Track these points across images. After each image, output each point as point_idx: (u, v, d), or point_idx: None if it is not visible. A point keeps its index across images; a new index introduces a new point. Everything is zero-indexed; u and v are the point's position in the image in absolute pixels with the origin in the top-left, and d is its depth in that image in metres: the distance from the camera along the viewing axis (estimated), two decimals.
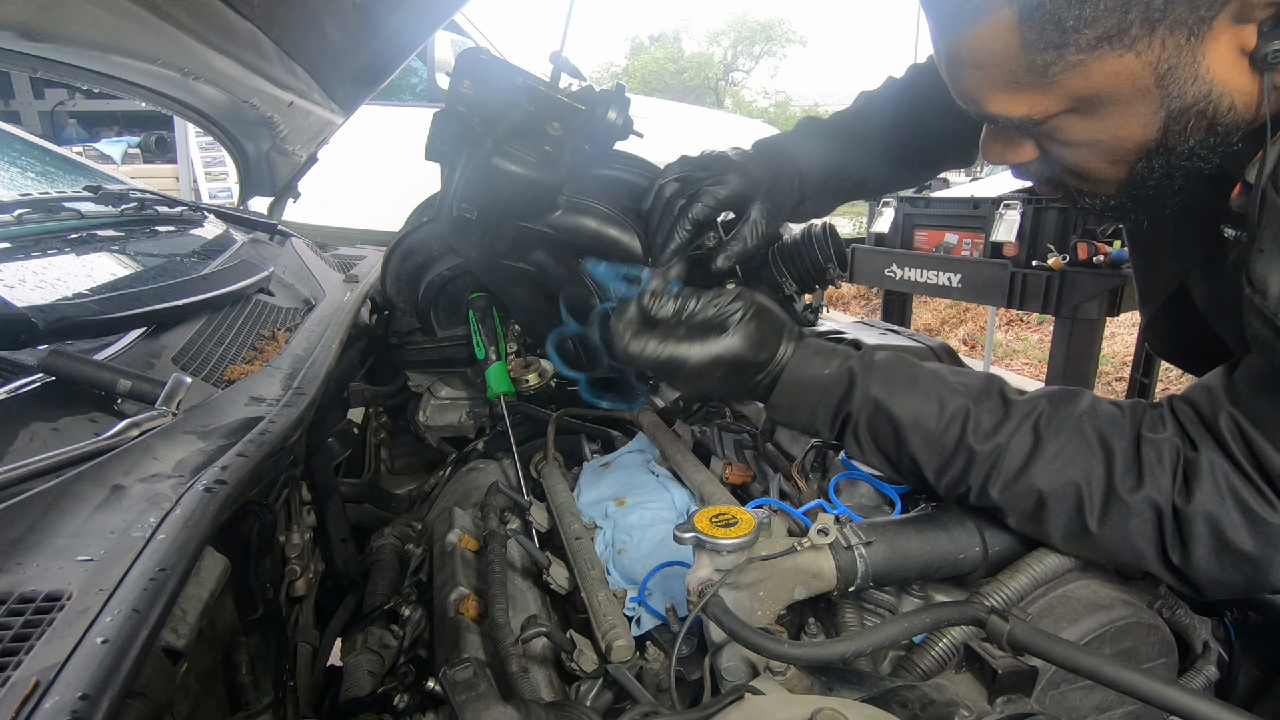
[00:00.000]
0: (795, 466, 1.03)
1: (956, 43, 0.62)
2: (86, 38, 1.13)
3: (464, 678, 0.66)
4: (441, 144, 1.09)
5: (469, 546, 1.06)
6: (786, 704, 0.56)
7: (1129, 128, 0.61)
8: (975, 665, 0.68)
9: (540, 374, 1.34)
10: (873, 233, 3.72)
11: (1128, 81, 0.57)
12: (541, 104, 1.04)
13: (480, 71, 1.04)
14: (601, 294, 1.22)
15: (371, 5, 1.60)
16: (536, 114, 1.04)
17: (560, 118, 1.05)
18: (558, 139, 1.05)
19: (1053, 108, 0.61)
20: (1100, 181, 0.68)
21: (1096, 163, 0.66)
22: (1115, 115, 0.60)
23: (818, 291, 1.69)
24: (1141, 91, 0.58)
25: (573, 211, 1.11)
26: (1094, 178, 0.68)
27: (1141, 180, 0.65)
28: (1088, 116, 0.61)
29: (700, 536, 0.69)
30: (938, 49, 0.66)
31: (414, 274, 1.31)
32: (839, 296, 7.36)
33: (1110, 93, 0.58)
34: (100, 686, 0.42)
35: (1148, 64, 0.56)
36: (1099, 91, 0.58)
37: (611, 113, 1.06)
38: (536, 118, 1.04)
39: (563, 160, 1.06)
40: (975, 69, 0.62)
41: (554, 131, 1.05)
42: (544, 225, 1.12)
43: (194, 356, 0.98)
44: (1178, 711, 0.54)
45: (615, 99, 1.06)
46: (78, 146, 5.49)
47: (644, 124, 1.12)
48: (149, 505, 0.60)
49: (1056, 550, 0.74)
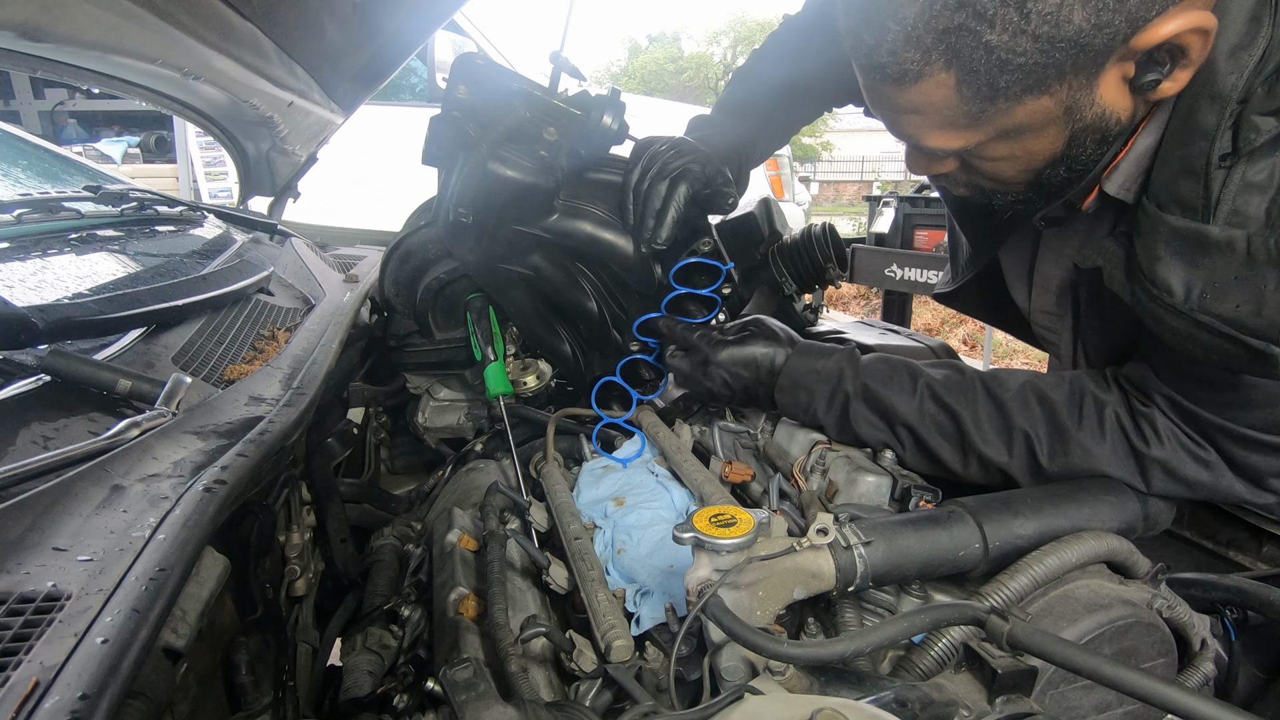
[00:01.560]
0: (796, 466, 1.03)
1: (896, 95, 0.72)
2: (86, 38, 1.13)
3: (464, 678, 0.66)
4: (438, 149, 1.09)
5: (468, 546, 1.06)
6: (786, 704, 0.56)
7: (1041, 146, 0.74)
8: (975, 665, 0.68)
9: (539, 376, 1.34)
10: (873, 233, 3.71)
11: (1042, 115, 0.70)
12: (537, 109, 1.04)
13: (476, 76, 1.04)
14: (597, 299, 1.22)
15: (371, 5, 1.60)
16: (532, 119, 1.04)
17: (556, 122, 1.05)
18: (553, 144, 1.05)
19: (981, 139, 0.74)
20: (1013, 184, 0.81)
21: (1012, 171, 0.79)
22: (1031, 138, 0.73)
23: (818, 291, 1.70)
24: (1053, 120, 0.71)
25: (569, 215, 1.11)
26: (1008, 182, 0.81)
27: (1048, 181, 0.79)
28: (1009, 141, 0.74)
29: (699, 536, 0.69)
30: (874, 97, 0.76)
31: (412, 277, 1.31)
32: (839, 296, 7.35)
33: (1029, 124, 0.71)
34: (100, 686, 0.42)
35: (1059, 101, 0.69)
36: (1021, 124, 0.71)
37: (607, 118, 1.06)
38: (532, 123, 1.04)
39: (558, 165, 1.06)
40: (914, 114, 0.74)
41: (550, 136, 1.05)
42: (540, 229, 1.12)
43: (194, 356, 0.98)
44: (1177, 711, 0.54)
45: (611, 104, 1.06)
46: (78, 146, 5.48)
47: (643, 124, 1.12)
48: (149, 505, 0.60)
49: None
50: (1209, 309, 0.69)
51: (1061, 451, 0.87)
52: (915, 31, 0.66)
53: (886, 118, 0.78)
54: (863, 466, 0.96)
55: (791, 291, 1.60)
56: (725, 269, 1.08)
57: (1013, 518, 0.82)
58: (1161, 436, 0.82)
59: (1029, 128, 0.72)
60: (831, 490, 0.97)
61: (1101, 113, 0.70)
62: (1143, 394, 0.85)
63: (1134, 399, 0.85)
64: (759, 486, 1.07)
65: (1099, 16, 0.61)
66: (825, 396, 0.99)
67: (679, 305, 1.13)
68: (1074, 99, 0.69)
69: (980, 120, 0.71)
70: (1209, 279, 0.69)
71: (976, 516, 0.81)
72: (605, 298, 1.22)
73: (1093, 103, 0.69)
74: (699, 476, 1.05)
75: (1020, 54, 0.64)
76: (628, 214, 1.08)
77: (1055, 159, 0.76)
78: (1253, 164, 0.66)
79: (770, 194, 3.26)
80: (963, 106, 0.70)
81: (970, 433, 0.91)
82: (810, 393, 1.00)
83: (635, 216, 1.06)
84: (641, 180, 1.05)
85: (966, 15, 0.63)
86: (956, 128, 0.73)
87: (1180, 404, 0.81)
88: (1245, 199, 0.66)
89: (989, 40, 0.64)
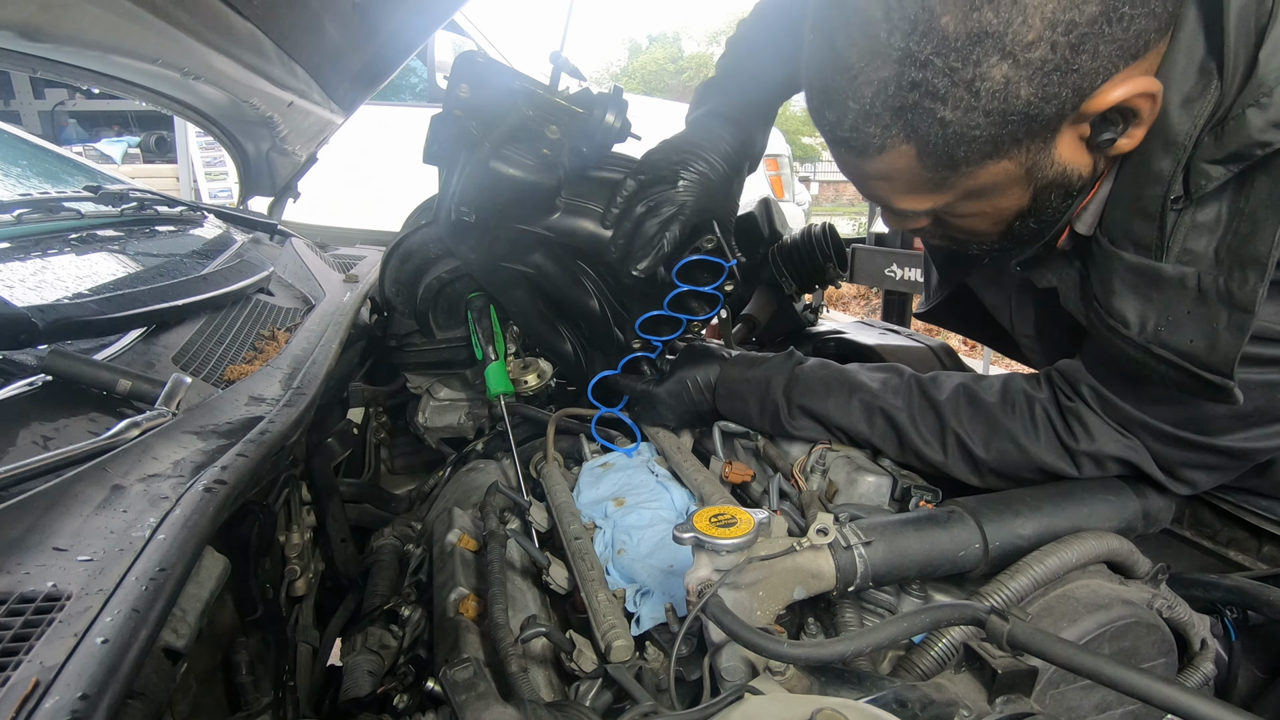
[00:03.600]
0: (796, 467, 1.03)
1: (862, 164, 0.76)
2: (86, 38, 1.13)
3: (464, 678, 0.66)
4: (439, 147, 1.09)
5: (469, 547, 1.06)
6: (786, 704, 0.56)
7: (1007, 203, 0.78)
8: (975, 665, 0.68)
9: (539, 375, 1.34)
10: (873, 233, 3.71)
11: (1005, 176, 0.73)
12: (539, 107, 1.04)
13: (478, 75, 1.03)
14: (599, 297, 1.22)
15: (371, 5, 1.60)
16: (534, 117, 1.04)
17: (558, 121, 1.05)
18: (555, 142, 1.05)
19: (949, 199, 0.77)
20: (985, 236, 0.85)
21: (983, 226, 0.83)
22: (997, 197, 0.77)
23: (818, 291, 1.70)
24: (1015, 179, 0.74)
25: (571, 214, 1.10)
26: (982, 234, 0.85)
27: (1018, 233, 0.82)
28: (977, 200, 0.78)
29: (699, 536, 0.69)
30: (842, 165, 0.80)
31: (413, 276, 1.31)
32: (839, 296, 7.35)
33: (992, 185, 0.75)
34: (100, 686, 0.42)
35: (1019, 164, 0.72)
36: (985, 185, 0.75)
37: (609, 115, 1.05)
38: (534, 121, 1.04)
39: (560, 163, 1.06)
40: (883, 180, 0.77)
41: (552, 135, 1.05)
42: (542, 228, 1.11)
43: (194, 356, 0.98)
44: (1177, 711, 0.54)
45: (613, 102, 1.06)
46: (78, 146, 5.48)
47: (644, 124, 1.12)
48: (149, 505, 0.60)
49: None
50: (1164, 341, 0.74)
51: (996, 447, 0.91)
52: (873, 110, 0.69)
53: (857, 183, 0.82)
54: (863, 467, 0.96)
55: (791, 291, 1.60)
56: (728, 265, 1.07)
57: (1013, 517, 0.82)
58: (1091, 431, 0.86)
59: (994, 188, 0.75)
60: (831, 490, 0.97)
61: (1063, 170, 0.74)
62: (1070, 387, 0.89)
63: (1061, 394, 0.89)
64: (759, 486, 1.08)
65: (1045, 90, 0.65)
66: (757, 403, 1.06)
67: (681, 302, 1.12)
68: (1034, 161, 0.72)
69: (945, 185, 0.75)
70: (1162, 313, 0.74)
71: (976, 516, 0.81)
72: (607, 296, 1.22)
73: (1052, 162, 0.73)
74: (699, 476, 1.05)
75: (974, 127, 0.67)
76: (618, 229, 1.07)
77: (1024, 213, 0.79)
78: (1201, 207, 0.70)
79: (770, 194, 3.26)
80: (926, 174, 0.73)
81: (909, 433, 0.95)
82: (744, 400, 1.08)
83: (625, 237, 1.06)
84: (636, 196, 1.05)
85: (920, 95, 0.66)
86: (923, 192, 0.76)
87: (1104, 396, 0.85)
88: (1196, 239, 0.71)
89: (943, 116, 0.67)
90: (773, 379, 1.05)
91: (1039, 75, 0.63)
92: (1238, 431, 0.80)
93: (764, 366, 1.07)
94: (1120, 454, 0.86)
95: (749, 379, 1.07)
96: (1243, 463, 0.85)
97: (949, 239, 0.89)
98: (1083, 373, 0.88)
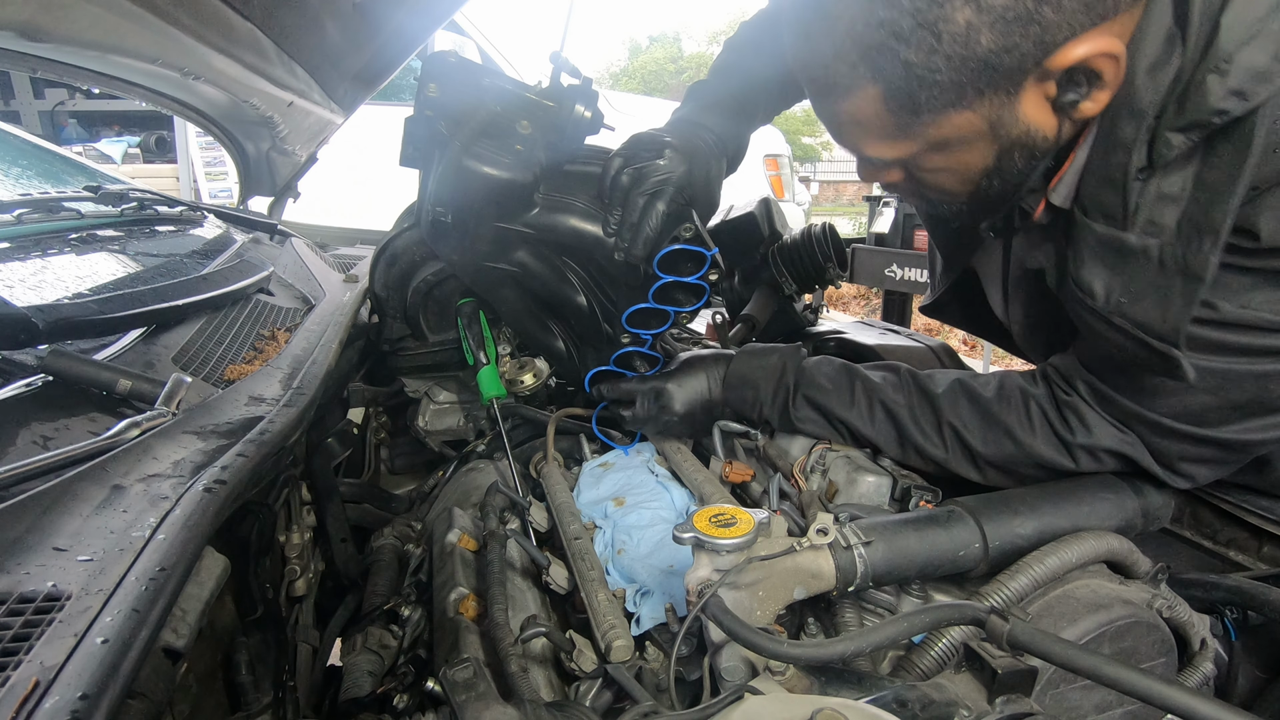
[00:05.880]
0: (796, 467, 1.03)
1: (832, 106, 0.79)
2: (86, 38, 1.13)
3: (464, 678, 0.66)
4: (414, 149, 1.08)
5: (468, 547, 1.06)
6: (786, 704, 0.56)
7: (972, 159, 0.79)
8: (975, 665, 0.68)
9: (536, 374, 1.34)
10: (873, 233, 3.71)
11: (969, 128, 0.75)
12: (509, 103, 1.03)
13: (446, 74, 1.03)
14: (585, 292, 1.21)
15: (371, 5, 1.60)
16: (504, 113, 1.03)
17: (529, 115, 1.04)
18: (528, 137, 1.04)
19: (916, 149, 0.79)
20: (953, 195, 0.86)
21: (950, 183, 0.84)
22: (962, 151, 0.78)
23: (818, 291, 1.70)
24: (979, 134, 0.75)
25: (551, 209, 1.09)
26: (949, 192, 0.86)
27: (984, 193, 0.83)
28: (942, 153, 0.79)
29: (699, 536, 0.69)
30: (818, 109, 0.82)
31: (401, 279, 1.30)
32: (839, 296, 7.35)
33: (957, 137, 0.76)
34: (100, 686, 0.42)
35: (982, 116, 0.73)
36: (949, 137, 0.76)
37: (580, 107, 1.05)
38: (504, 117, 1.03)
39: (535, 158, 1.04)
40: (852, 124, 0.79)
41: (524, 130, 1.04)
42: (523, 225, 1.10)
43: (194, 356, 0.98)
44: (1177, 711, 0.54)
45: (583, 94, 1.05)
46: (78, 146, 5.48)
47: (644, 124, 1.12)
48: (149, 505, 0.60)
49: None
50: (1124, 312, 0.75)
51: (992, 441, 0.92)
52: (843, 49, 0.72)
53: (830, 128, 0.84)
54: (863, 466, 0.96)
55: (791, 291, 1.60)
56: (710, 254, 1.06)
57: (1012, 517, 0.82)
58: (1088, 425, 0.87)
59: (958, 141, 0.76)
60: (831, 490, 0.97)
61: (1027, 130, 0.74)
62: (1066, 381, 0.90)
63: (1058, 388, 0.90)
64: (759, 486, 1.08)
65: (1006, 40, 0.66)
66: (770, 388, 1.06)
67: (666, 294, 1.11)
68: (997, 115, 0.73)
69: (910, 132, 0.76)
70: (1126, 284, 0.75)
71: (976, 516, 0.81)
72: (593, 291, 1.21)
73: (1016, 120, 0.74)
74: (699, 476, 1.05)
75: (935, 71, 0.69)
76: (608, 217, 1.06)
77: (988, 171, 0.80)
78: (1166, 176, 0.70)
79: (770, 194, 3.26)
80: (891, 119, 0.75)
81: (908, 427, 0.96)
82: (756, 387, 1.08)
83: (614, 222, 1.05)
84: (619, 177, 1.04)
85: (886, 34, 0.68)
86: (890, 138, 0.78)
87: (1100, 390, 0.86)
88: (1160, 210, 0.71)
89: (907, 58, 0.69)
90: (787, 364, 1.06)
91: (1000, 23, 0.65)
92: (1234, 423, 0.81)
93: (778, 354, 1.08)
94: (1116, 448, 0.86)
95: (764, 365, 1.08)
96: (1240, 455, 0.86)
97: (920, 197, 0.90)
98: (1079, 368, 0.88)
